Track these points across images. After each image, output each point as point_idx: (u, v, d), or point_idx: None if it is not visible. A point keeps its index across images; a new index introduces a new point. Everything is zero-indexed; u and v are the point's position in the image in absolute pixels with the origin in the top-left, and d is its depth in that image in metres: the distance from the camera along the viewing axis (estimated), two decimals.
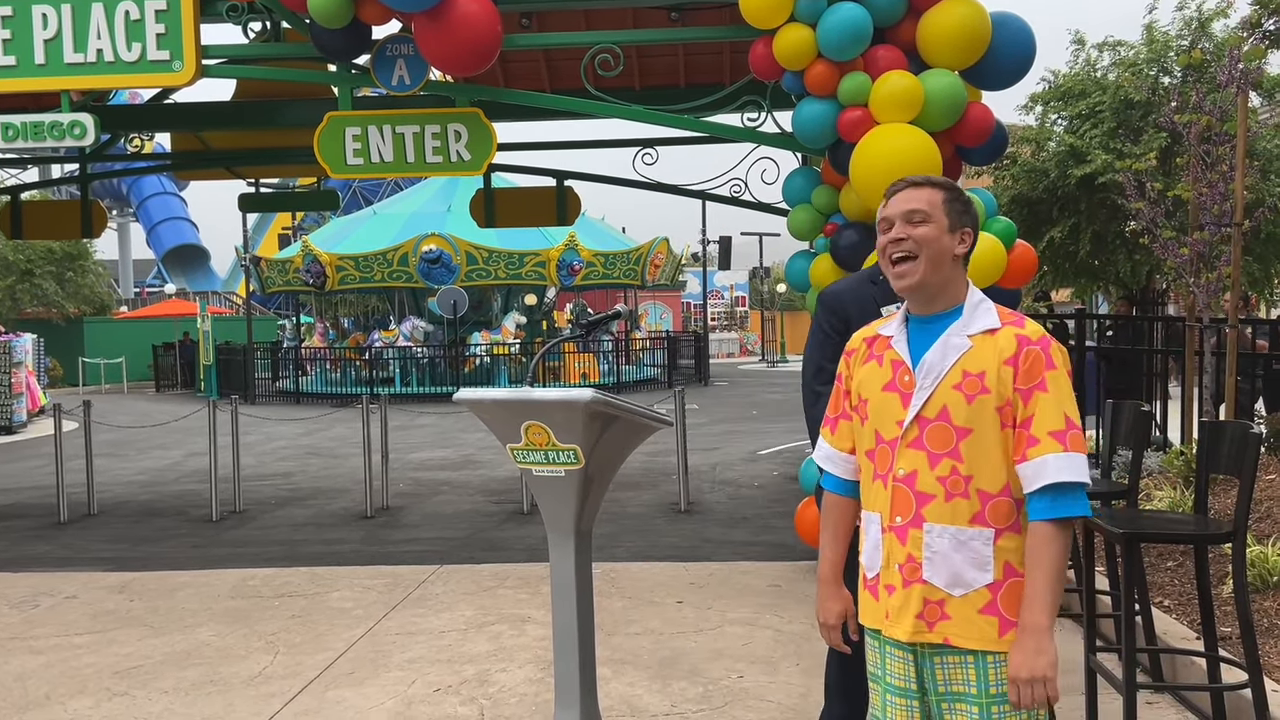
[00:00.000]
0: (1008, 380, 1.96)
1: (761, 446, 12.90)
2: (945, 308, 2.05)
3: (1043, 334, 2.00)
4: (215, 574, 6.57)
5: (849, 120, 5.47)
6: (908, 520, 2.01)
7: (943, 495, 1.98)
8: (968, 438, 1.96)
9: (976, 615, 1.97)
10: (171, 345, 29.36)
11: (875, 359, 2.10)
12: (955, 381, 1.98)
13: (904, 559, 2.01)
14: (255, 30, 6.74)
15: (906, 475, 2.01)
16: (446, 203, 24.31)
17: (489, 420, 3.22)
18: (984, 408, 1.96)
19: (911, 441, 2.00)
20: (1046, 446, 1.93)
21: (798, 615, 5.29)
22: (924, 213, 2.04)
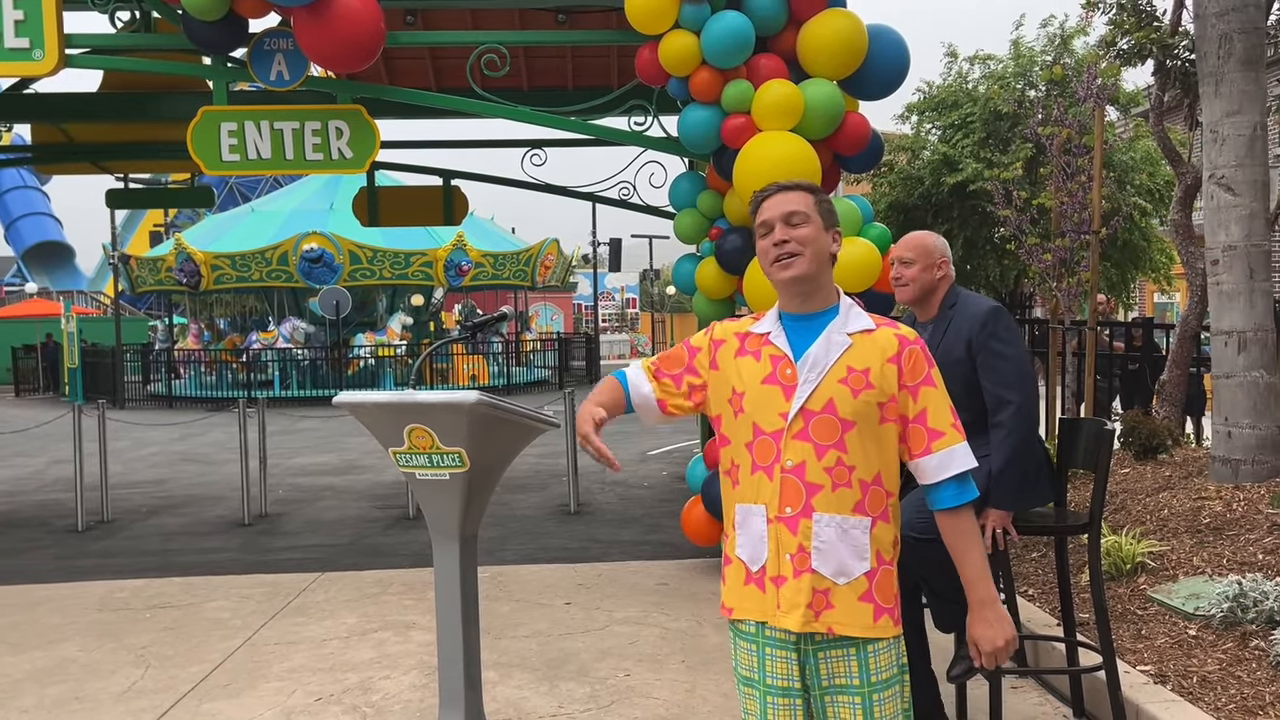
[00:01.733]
0: (892, 377, 2.05)
1: (651, 447, 13.00)
2: (821, 306, 2.13)
3: (916, 335, 2.13)
4: (81, 586, 6.27)
5: (732, 127, 5.58)
6: (798, 510, 2.05)
7: (829, 485, 2.04)
8: (852, 430, 2.04)
9: (857, 603, 2.05)
10: (33, 347, 27.79)
11: (752, 354, 2.13)
12: (840, 376, 2.05)
13: (795, 549, 2.05)
14: (123, 20, 6.47)
15: (795, 466, 2.05)
16: (329, 200, 23.73)
17: (370, 424, 3.17)
18: (868, 402, 2.04)
19: (797, 433, 2.05)
20: (952, 438, 2.07)
21: (684, 613, 5.37)
22: (803, 214, 2.11)
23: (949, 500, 2.09)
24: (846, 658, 2.06)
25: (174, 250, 22.65)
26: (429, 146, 10.18)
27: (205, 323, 25.68)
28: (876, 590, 2.07)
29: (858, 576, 2.05)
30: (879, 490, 2.08)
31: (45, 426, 10.89)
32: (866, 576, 2.06)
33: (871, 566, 2.07)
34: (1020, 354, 3.51)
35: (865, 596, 2.05)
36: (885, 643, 2.08)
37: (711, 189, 6.21)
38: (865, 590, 2.05)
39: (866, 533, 2.06)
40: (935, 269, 3.54)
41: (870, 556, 2.06)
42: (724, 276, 6.03)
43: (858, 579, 2.05)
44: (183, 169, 10.70)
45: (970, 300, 3.54)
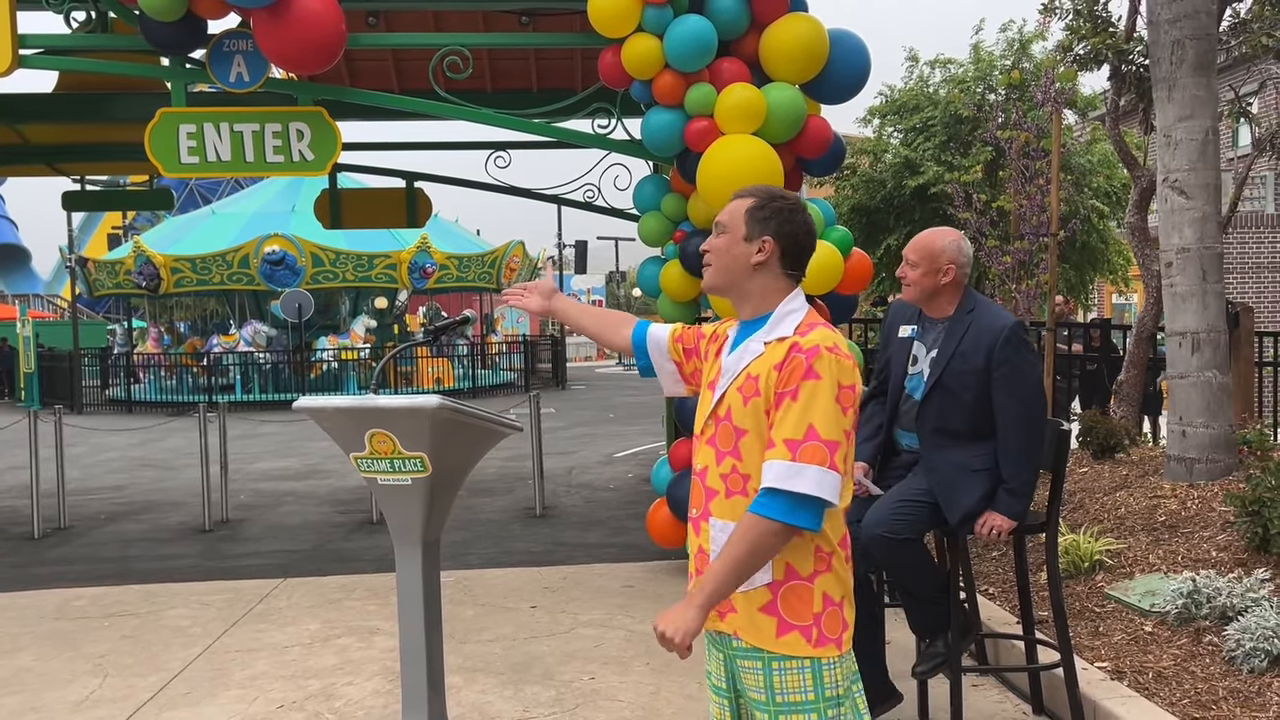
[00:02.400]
0: (772, 385, 2.00)
1: (618, 449, 13.01)
2: (755, 314, 2.11)
3: (817, 344, 1.99)
4: (37, 595, 6.16)
5: (695, 130, 5.60)
6: (700, 513, 2.10)
7: (724, 492, 2.04)
8: (744, 438, 2.02)
9: (757, 613, 2.01)
10: None
11: (717, 357, 2.19)
12: (740, 384, 2.04)
13: (697, 549, 2.11)
14: (79, 20, 6.36)
15: (700, 470, 2.10)
16: (290, 202, 23.50)
17: (331, 429, 3.15)
18: (756, 410, 2.00)
19: (708, 438, 2.09)
20: (776, 452, 1.94)
21: (649, 615, 5.37)
22: (723, 225, 2.12)
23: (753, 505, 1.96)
24: (755, 670, 2.02)
25: (133, 253, 22.33)
26: (392, 148, 10.11)
27: (165, 326, 25.33)
28: (783, 604, 2.00)
29: (758, 586, 2.00)
30: None
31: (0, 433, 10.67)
32: (769, 588, 2.00)
33: (775, 579, 2.00)
34: (1038, 371, 3.57)
35: (767, 609, 2.00)
36: (795, 662, 1.99)
37: (675, 192, 6.23)
38: (767, 602, 2.00)
39: None
40: (939, 274, 3.52)
41: (773, 568, 1.99)
42: (688, 279, 6.04)
43: (757, 589, 2.00)
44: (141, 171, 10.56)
45: (990, 310, 3.52)
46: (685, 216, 6.15)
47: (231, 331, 23.30)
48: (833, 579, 2.03)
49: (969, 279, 3.67)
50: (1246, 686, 3.64)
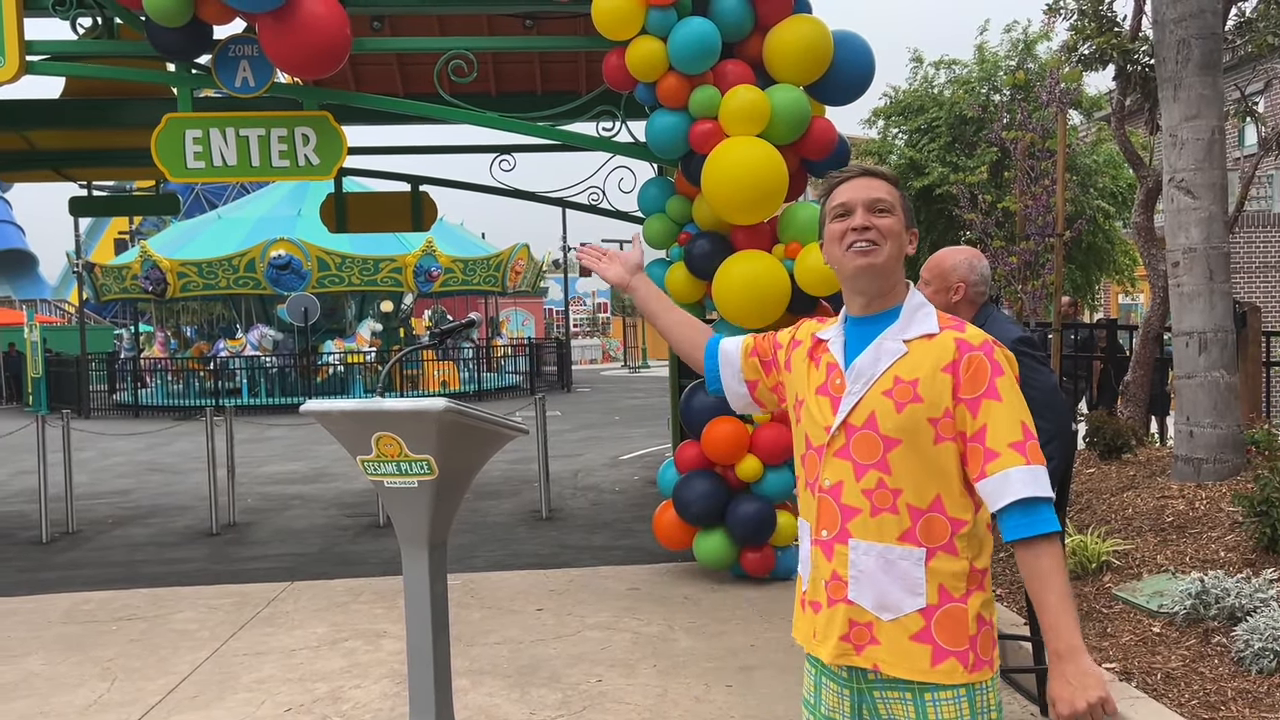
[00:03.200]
0: (945, 389, 1.79)
1: (623, 451, 13.01)
2: (884, 308, 1.91)
3: (985, 339, 1.83)
4: (45, 599, 6.17)
5: (700, 132, 5.60)
6: (833, 535, 1.86)
7: (868, 510, 1.82)
8: (896, 448, 1.80)
9: (908, 642, 1.80)
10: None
11: (814, 361, 1.97)
12: (886, 388, 1.82)
13: (829, 575, 1.86)
14: (85, 26, 6.40)
15: (832, 486, 1.86)
16: (297, 207, 23.54)
17: (338, 432, 3.16)
18: (915, 417, 1.79)
19: (838, 450, 1.86)
20: (1007, 460, 1.75)
21: (655, 617, 5.37)
22: (888, 203, 1.90)
23: (1012, 532, 1.75)
24: (903, 702, 1.82)
25: (139, 258, 22.39)
26: (397, 152, 10.13)
27: (172, 331, 25.39)
28: (937, 629, 1.79)
29: (909, 613, 1.79)
30: (939, 518, 1.80)
31: (8, 438, 10.71)
32: (921, 614, 1.79)
33: (930, 603, 1.79)
34: (1048, 383, 3.52)
35: (920, 636, 1.79)
36: (950, 692, 1.78)
37: (680, 194, 6.23)
38: (920, 629, 1.79)
39: (920, 565, 1.80)
40: (950, 292, 3.54)
41: (927, 591, 1.79)
42: (693, 281, 6.05)
43: (908, 616, 1.79)
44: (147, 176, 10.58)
45: (999, 326, 3.50)
46: (690, 219, 6.16)
47: (238, 336, 23.35)
48: (984, 597, 1.84)
49: (985, 297, 3.66)
50: (1255, 687, 3.63)
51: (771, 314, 5.64)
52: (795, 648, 4.79)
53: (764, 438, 5.77)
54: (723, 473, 5.89)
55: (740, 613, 5.42)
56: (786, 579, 6.04)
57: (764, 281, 5.55)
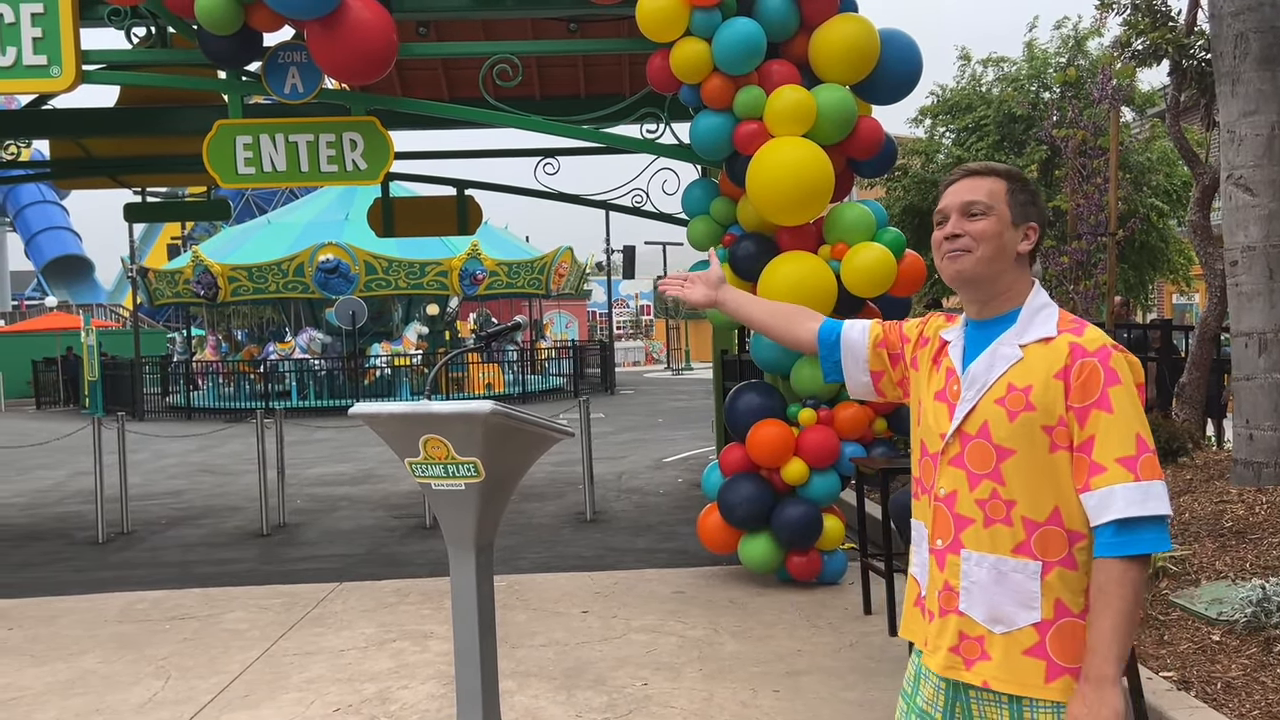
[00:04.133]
0: (1057, 396, 1.72)
1: (667, 454, 12.99)
2: (994, 312, 1.84)
3: (1104, 344, 1.73)
4: (101, 598, 6.30)
5: (745, 133, 5.58)
6: (947, 545, 1.81)
7: (982, 520, 1.77)
8: (1010, 458, 1.75)
9: (1021, 657, 1.73)
10: (53, 360, 28.01)
11: (935, 364, 1.93)
12: (999, 395, 1.76)
13: (941, 586, 1.82)
14: (139, 35, 6.53)
15: (947, 495, 1.82)
16: (344, 211, 23.83)
17: (386, 435, 3.18)
18: (1028, 426, 1.73)
19: (952, 458, 1.81)
20: (1113, 475, 1.67)
21: (701, 621, 5.35)
22: (984, 204, 1.82)
23: (1101, 548, 1.68)
24: (999, 706, 1.76)
25: (191, 263, 22.80)
26: (442, 157, 10.22)
27: (223, 334, 25.83)
28: (1052, 645, 1.72)
29: (1022, 627, 1.73)
30: (1056, 531, 1.73)
31: (65, 439, 10.97)
32: (1036, 629, 1.73)
33: (1045, 617, 1.73)
34: None
35: (1034, 652, 1.73)
36: (1051, 708, 1.72)
37: (724, 196, 6.21)
38: (1034, 644, 1.73)
39: (1036, 578, 1.73)
40: None
41: (1043, 605, 1.73)
42: (737, 283, 6.01)
43: (1021, 630, 1.73)
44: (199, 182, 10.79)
45: None
46: (734, 220, 6.13)
47: (287, 339, 23.69)
48: None
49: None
50: None
51: None
52: (842, 653, 4.75)
53: (810, 441, 5.72)
54: (768, 476, 5.86)
55: (786, 617, 5.38)
56: (833, 583, 5.99)
57: (810, 282, 5.50)
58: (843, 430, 5.79)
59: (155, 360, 25.46)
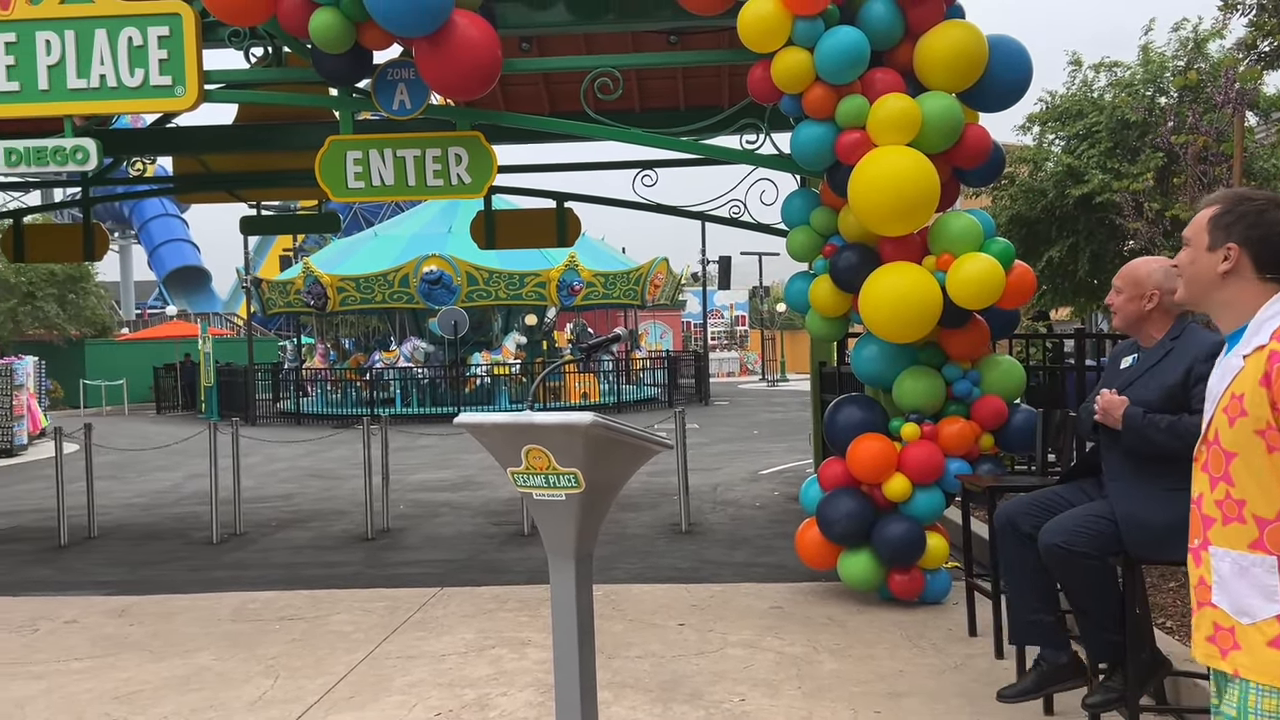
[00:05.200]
0: (1263, 401, 1.83)
1: (763, 466, 12.89)
2: (1235, 326, 2.00)
3: None
4: (216, 597, 6.55)
5: (847, 143, 5.50)
6: (1200, 543, 1.99)
7: (1221, 519, 1.93)
8: (1234, 461, 1.89)
9: (1265, 649, 1.86)
10: (172, 367, 29.35)
11: None
12: (1225, 404, 1.92)
13: (1198, 580, 1.99)
14: (257, 55, 6.79)
15: (1196, 497, 2.00)
16: (447, 224, 24.38)
17: (489, 444, 3.22)
18: (1244, 431, 1.87)
19: (1201, 464, 1.99)
20: None
21: (799, 637, 5.27)
22: (1186, 238, 2.10)
23: None
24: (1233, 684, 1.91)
25: (302, 273, 23.63)
26: (543, 170, 10.36)
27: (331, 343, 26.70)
28: None
29: (1266, 618, 1.86)
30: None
31: (183, 443, 11.46)
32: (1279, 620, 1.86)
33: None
34: None
35: (1276, 642, 1.86)
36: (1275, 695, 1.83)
37: (825, 206, 6.13)
38: (1276, 635, 1.86)
39: (1273, 572, 1.86)
40: (1144, 300, 3.57)
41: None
42: (838, 294, 5.93)
43: (1266, 621, 1.86)
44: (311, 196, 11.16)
45: (1198, 334, 3.50)
46: (835, 230, 6.05)
47: (392, 348, 24.34)
48: None
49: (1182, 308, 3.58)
50: None
51: (922, 328, 5.47)
52: (946, 675, 4.62)
53: (913, 456, 5.59)
54: (869, 491, 5.74)
55: (888, 637, 5.26)
56: (936, 603, 5.84)
57: (914, 294, 5.38)
58: (948, 446, 5.65)
59: (267, 367, 26.45)
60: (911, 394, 5.68)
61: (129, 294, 47.82)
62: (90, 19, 6.27)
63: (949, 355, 5.81)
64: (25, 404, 17.93)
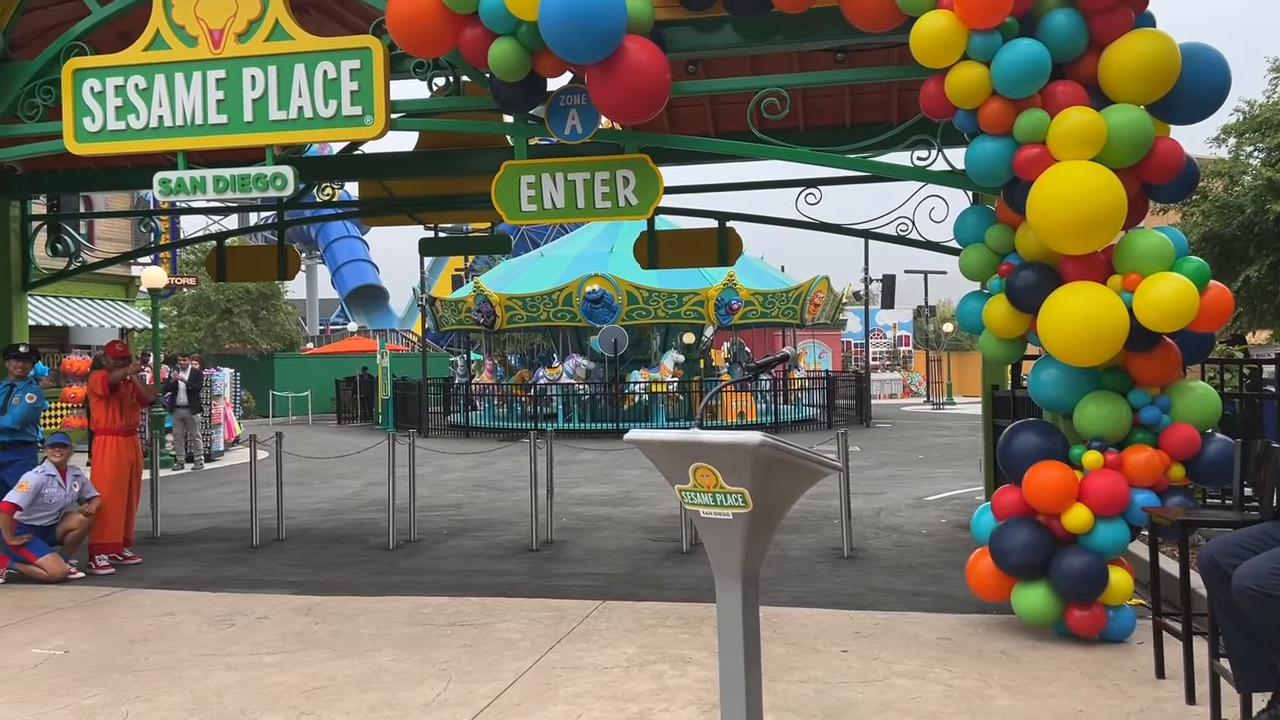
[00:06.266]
0: None
1: (928, 492, 12.50)
2: None
3: None
4: (392, 600, 6.87)
5: (1026, 158, 5.31)
6: None
7: None
8: None
9: None
10: (352, 380, 31.08)
11: None
12: None
13: None
14: (438, 85, 7.14)
15: None
16: (609, 245, 24.86)
17: (657, 460, 3.27)
18: None
19: None
20: None
21: (970, 670, 5.08)
22: None
23: None
24: None
25: (473, 292, 24.58)
26: (706, 190, 10.43)
27: (498, 359, 27.61)
28: None
29: None
30: None
31: (363, 453, 12.09)
32: None
33: None
34: None
35: None
36: None
37: (1001, 223, 5.93)
38: None
39: None
40: None
41: None
42: (1015, 315, 5.72)
43: None
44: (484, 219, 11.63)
45: None
46: (1012, 249, 5.84)
47: (555, 364, 24.97)
48: None
49: None
50: None
51: (1106, 350, 5.20)
52: (1130, 719, 4.35)
53: (1095, 486, 5.31)
54: (1046, 522, 5.49)
55: (1066, 674, 5.00)
56: (1119, 642, 5.51)
57: (1099, 316, 5.13)
58: (1133, 476, 5.34)
59: (439, 382, 27.60)
60: (1094, 420, 5.40)
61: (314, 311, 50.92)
62: (291, 55, 6.75)
63: (1135, 380, 5.50)
64: (222, 413, 19.34)
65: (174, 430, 17.20)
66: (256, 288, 34.03)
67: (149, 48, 6.90)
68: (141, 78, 6.91)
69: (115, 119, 6.97)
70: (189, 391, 17.09)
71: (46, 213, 10.94)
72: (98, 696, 4.91)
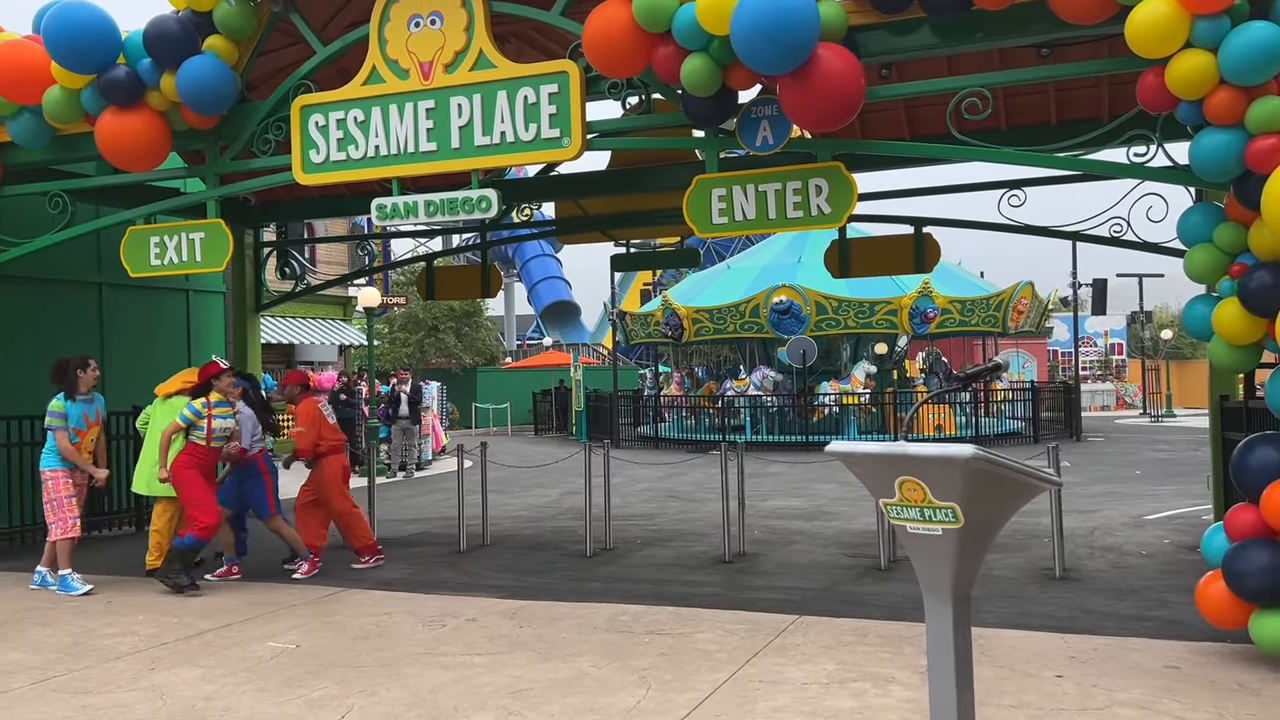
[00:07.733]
0: None
1: (1148, 511, 11.66)
2: None
3: None
4: (591, 607, 7.03)
5: (1260, 149, 4.90)
6: None
7: None
8: None
9: None
10: (548, 392, 32.16)
11: None
12: None
13: None
14: (631, 104, 7.30)
15: None
16: (796, 255, 24.62)
17: (861, 474, 3.21)
18: None
19: None
20: None
21: (1203, 703, 4.70)
22: None
23: None
24: None
25: (661, 306, 24.92)
26: (901, 195, 10.18)
27: (686, 371, 27.86)
28: None
29: None
30: None
31: (560, 462, 12.47)
32: None
33: None
34: None
35: None
36: None
37: (1231, 221, 5.48)
38: None
39: None
40: None
41: None
42: (1248, 319, 5.27)
43: None
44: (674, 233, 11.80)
45: None
46: (1245, 248, 5.39)
47: (743, 376, 24.93)
48: None
49: None
50: None
51: None
52: None
53: None
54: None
55: None
56: None
57: None
58: None
59: (629, 394, 28.13)
60: None
61: (511, 326, 53.05)
62: (494, 82, 7.07)
63: None
64: (430, 424, 20.41)
65: (392, 440, 18.36)
66: (460, 305, 35.80)
67: (366, 82, 7.40)
68: (360, 110, 7.42)
69: (337, 150, 7.51)
70: (410, 404, 18.23)
71: (276, 240, 11.93)
72: (325, 689, 5.28)
